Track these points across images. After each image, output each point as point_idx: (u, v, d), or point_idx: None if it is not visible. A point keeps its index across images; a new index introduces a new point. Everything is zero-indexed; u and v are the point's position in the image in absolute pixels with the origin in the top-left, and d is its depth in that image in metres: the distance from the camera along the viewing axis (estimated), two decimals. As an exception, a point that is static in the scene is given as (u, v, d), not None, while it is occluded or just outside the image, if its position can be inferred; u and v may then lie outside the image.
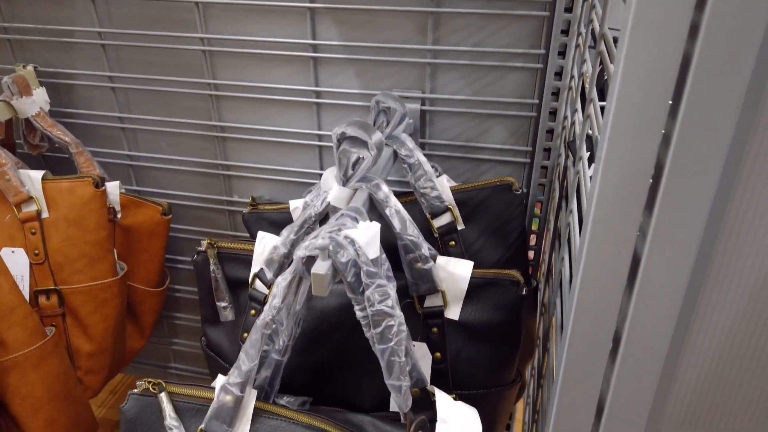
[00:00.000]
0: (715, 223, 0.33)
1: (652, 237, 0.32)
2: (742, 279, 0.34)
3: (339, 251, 0.48)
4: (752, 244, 0.33)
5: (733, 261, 0.34)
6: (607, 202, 0.32)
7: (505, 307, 0.62)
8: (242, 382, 0.50)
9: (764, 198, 0.32)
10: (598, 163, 0.32)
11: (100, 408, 1.26)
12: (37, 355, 0.68)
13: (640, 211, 0.32)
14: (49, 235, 0.75)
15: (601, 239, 0.33)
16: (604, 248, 0.33)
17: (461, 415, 0.50)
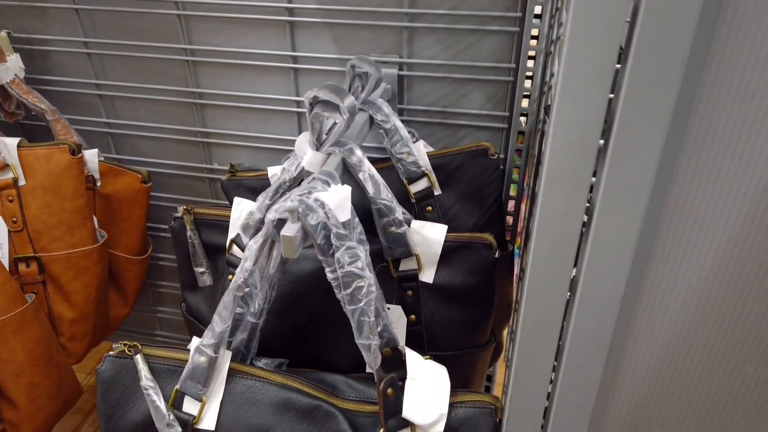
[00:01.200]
0: (663, 178, 0.33)
1: (604, 188, 0.33)
2: (696, 227, 0.35)
3: (309, 214, 0.49)
4: (704, 192, 0.34)
5: (686, 209, 0.34)
6: (560, 157, 0.32)
7: (478, 270, 0.63)
8: (216, 344, 0.51)
9: (711, 160, 0.33)
10: (551, 119, 0.32)
11: (88, 376, 1.27)
12: (16, 321, 0.68)
13: (591, 165, 0.32)
14: (27, 203, 0.75)
15: (555, 191, 0.34)
16: (558, 199, 0.34)
17: (430, 372, 0.51)
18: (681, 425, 0.42)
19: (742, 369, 0.35)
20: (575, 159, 0.34)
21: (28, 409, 0.70)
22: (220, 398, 0.51)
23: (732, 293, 0.35)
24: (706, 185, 0.34)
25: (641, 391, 0.40)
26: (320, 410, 0.51)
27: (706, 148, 0.34)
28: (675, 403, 0.41)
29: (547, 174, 0.34)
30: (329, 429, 0.51)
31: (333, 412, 0.51)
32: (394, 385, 0.49)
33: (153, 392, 0.51)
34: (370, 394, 0.53)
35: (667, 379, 0.40)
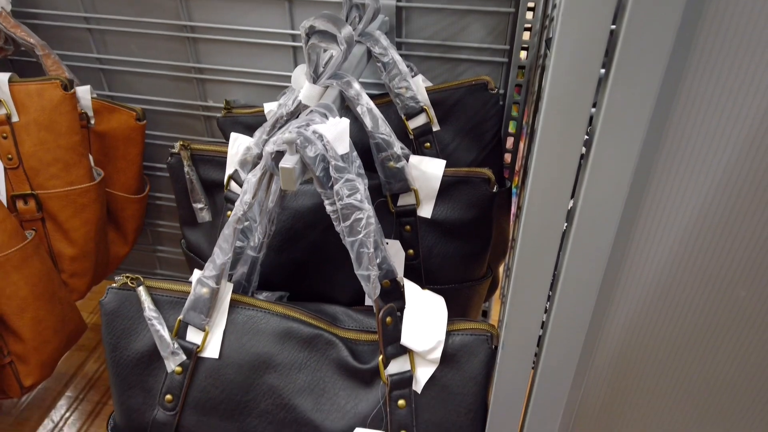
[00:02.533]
0: (663, 106, 0.33)
1: (604, 118, 0.32)
2: (693, 155, 0.35)
3: (307, 146, 0.48)
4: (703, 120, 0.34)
5: (684, 139, 0.34)
6: (561, 87, 0.32)
7: (476, 205, 0.63)
8: (217, 275, 0.52)
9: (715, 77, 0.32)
10: (551, 51, 0.31)
11: (92, 314, 1.30)
12: (18, 257, 0.69)
13: (591, 95, 0.32)
14: (21, 140, 0.74)
15: (555, 120, 0.34)
16: (557, 129, 0.34)
17: (428, 302, 0.52)
18: (671, 351, 0.43)
19: (734, 292, 0.36)
20: (575, 89, 0.33)
21: (34, 342, 0.72)
22: (222, 328, 0.53)
23: (726, 219, 0.35)
24: (705, 113, 0.34)
25: (633, 319, 0.41)
26: (321, 339, 0.52)
27: (707, 75, 0.33)
28: (665, 330, 0.42)
29: (547, 103, 0.34)
30: (330, 356, 0.52)
31: (333, 340, 0.52)
32: (392, 314, 0.50)
33: (156, 322, 0.52)
34: (369, 324, 0.54)
35: (658, 306, 0.41)
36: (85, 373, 1.19)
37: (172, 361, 0.52)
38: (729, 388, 0.43)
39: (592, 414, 0.47)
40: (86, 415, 1.11)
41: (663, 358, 0.43)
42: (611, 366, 0.44)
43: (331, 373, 0.52)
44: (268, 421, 0.52)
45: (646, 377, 0.44)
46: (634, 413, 0.48)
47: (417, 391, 0.51)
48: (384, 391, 0.51)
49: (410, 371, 0.50)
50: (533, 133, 0.72)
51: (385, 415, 0.51)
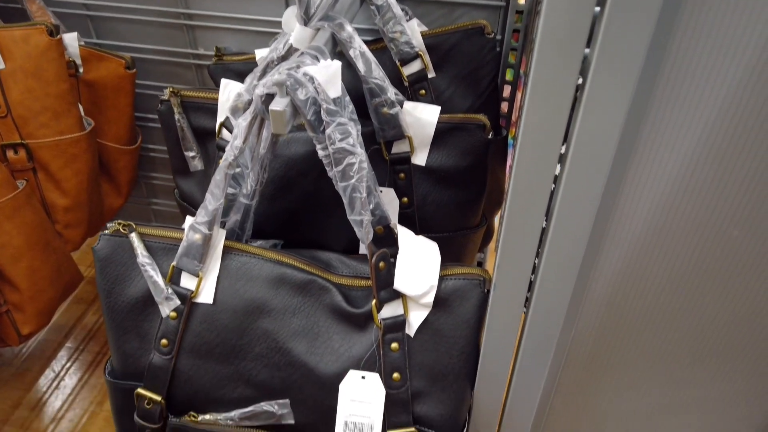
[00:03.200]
0: (661, 38, 0.32)
1: (599, 53, 0.32)
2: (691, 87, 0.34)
3: (297, 88, 0.47)
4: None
5: (680, 79, 0.34)
6: (555, 21, 0.31)
7: (471, 152, 0.63)
8: (209, 221, 0.52)
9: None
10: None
11: (88, 268, 1.30)
12: (10, 206, 0.68)
13: (586, 31, 0.31)
14: (9, 88, 0.72)
15: (548, 57, 0.33)
16: (551, 67, 0.33)
17: (421, 247, 0.52)
18: (661, 293, 0.43)
19: (727, 232, 0.36)
20: (569, 26, 0.32)
21: (30, 292, 0.72)
22: (216, 274, 0.53)
23: (722, 157, 0.35)
24: (703, 48, 0.33)
25: (624, 262, 0.41)
26: (314, 284, 0.53)
27: (705, 9, 0.32)
28: (656, 274, 0.42)
29: (540, 41, 0.33)
30: (323, 301, 0.53)
31: (327, 286, 0.53)
32: (385, 259, 0.50)
33: (150, 268, 0.52)
34: (362, 270, 0.55)
35: (650, 250, 0.41)
36: (84, 324, 1.20)
37: (166, 307, 0.52)
38: (719, 330, 0.43)
39: (582, 358, 0.48)
40: (87, 365, 1.13)
41: (654, 301, 0.43)
42: (601, 310, 0.44)
43: (324, 317, 0.53)
44: (263, 364, 0.52)
45: (637, 320, 0.44)
46: (624, 357, 0.48)
47: (410, 335, 0.51)
48: (377, 335, 0.51)
49: (403, 315, 0.51)
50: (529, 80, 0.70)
51: (379, 358, 0.51)
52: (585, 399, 0.52)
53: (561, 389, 0.51)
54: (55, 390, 1.08)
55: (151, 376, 0.54)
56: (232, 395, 0.53)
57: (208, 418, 0.54)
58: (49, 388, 1.09)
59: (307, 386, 0.52)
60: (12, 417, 1.04)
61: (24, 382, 1.10)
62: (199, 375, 0.53)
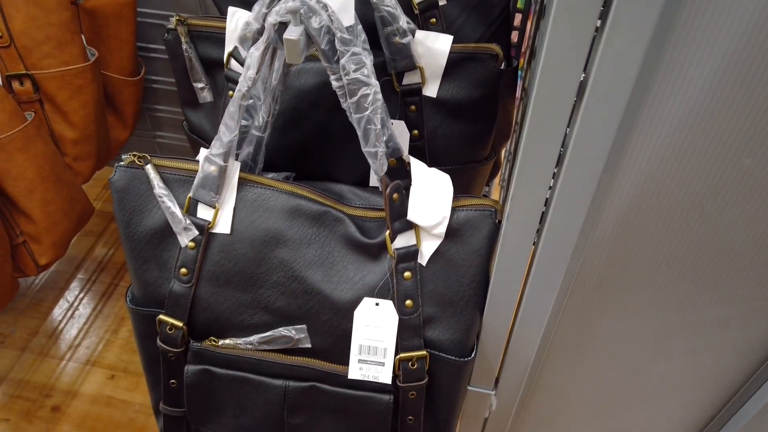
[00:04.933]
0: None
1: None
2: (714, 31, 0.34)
3: (311, 16, 0.47)
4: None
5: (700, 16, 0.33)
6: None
7: (483, 83, 0.62)
8: (225, 153, 0.52)
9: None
10: None
11: (96, 201, 1.31)
12: (21, 138, 0.69)
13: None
14: (10, 16, 0.71)
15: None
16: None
17: (434, 179, 0.52)
18: (674, 217, 0.44)
19: (739, 161, 0.37)
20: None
21: (45, 223, 0.73)
22: (232, 205, 0.54)
23: (740, 85, 0.35)
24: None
25: (638, 187, 0.42)
26: (329, 215, 0.54)
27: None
28: (670, 198, 0.42)
29: None
30: (338, 232, 0.54)
31: (341, 217, 0.54)
32: (399, 191, 0.51)
33: (167, 199, 0.53)
34: (375, 201, 0.55)
35: (664, 175, 0.41)
36: (94, 257, 1.22)
37: (185, 237, 0.53)
38: (730, 253, 0.44)
39: (590, 284, 0.50)
40: (99, 295, 1.16)
41: (665, 226, 0.44)
42: (612, 236, 0.45)
43: (339, 247, 0.54)
44: (280, 292, 0.54)
45: (647, 245, 0.45)
46: (632, 283, 0.50)
47: (422, 264, 0.53)
48: (391, 264, 0.53)
49: (416, 245, 0.52)
50: (543, 9, 0.69)
51: (392, 286, 0.53)
52: (590, 324, 0.54)
53: (567, 314, 0.53)
54: (70, 319, 1.12)
55: (172, 304, 0.56)
56: (251, 321, 0.56)
57: (227, 343, 0.57)
58: (64, 317, 1.13)
59: (323, 312, 0.54)
60: (30, 344, 1.08)
61: (39, 312, 1.13)
62: (218, 302, 0.55)
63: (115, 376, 1.04)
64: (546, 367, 0.60)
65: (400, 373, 0.55)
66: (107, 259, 1.22)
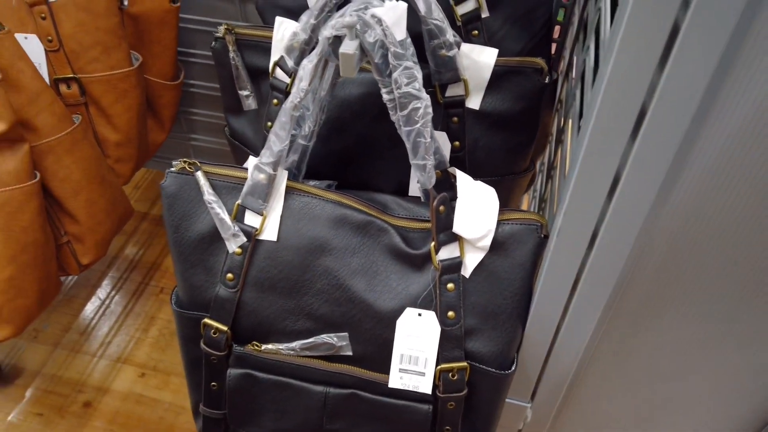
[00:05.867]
0: None
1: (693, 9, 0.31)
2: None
3: (366, 30, 0.47)
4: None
5: None
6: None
7: (526, 96, 0.63)
8: (274, 162, 0.53)
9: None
10: None
11: (128, 200, 1.33)
12: (68, 141, 0.70)
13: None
14: (60, 21, 0.73)
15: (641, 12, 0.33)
16: (642, 22, 0.33)
17: (479, 192, 0.53)
18: (723, 234, 0.43)
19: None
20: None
21: (89, 224, 0.75)
22: (279, 212, 0.55)
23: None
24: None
25: (692, 205, 0.42)
26: (373, 225, 0.54)
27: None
28: (723, 215, 0.42)
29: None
30: (382, 242, 0.55)
31: (385, 227, 0.54)
32: (445, 203, 0.51)
33: (216, 206, 0.54)
34: (419, 212, 0.56)
35: (718, 191, 0.40)
36: (125, 255, 1.24)
37: (233, 243, 0.54)
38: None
39: (636, 299, 0.50)
40: (130, 294, 1.18)
41: (719, 240, 0.43)
42: (663, 251, 0.45)
43: (383, 257, 0.55)
44: (324, 300, 0.55)
45: (699, 259, 0.45)
46: (682, 296, 0.49)
47: (465, 276, 0.53)
48: (434, 275, 0.53)
49: (460, 257, 0.53)
50: (586, 21, 0.69)
51: (435, 297, 0.54)
52: (633, 335, 0.54)
53: (610, 327, 0.53)
54: (102, 316, 1.14)
55: (218, 308, 0.57)
56: (294, 327, 0.57)
57: (270, 348, 0.57)
58: (96, 314, 1.15)
59: (366, 321, 0.55)
60: (63, 340, 1.10)
61: (72, 308, 1.15)
62: (262, 307, 0.56)
63: (145, 374, 1.05)
64: (583, 378, 0.61)
65: (440, 383, 0.55)
66: (138, 258, 1.24)
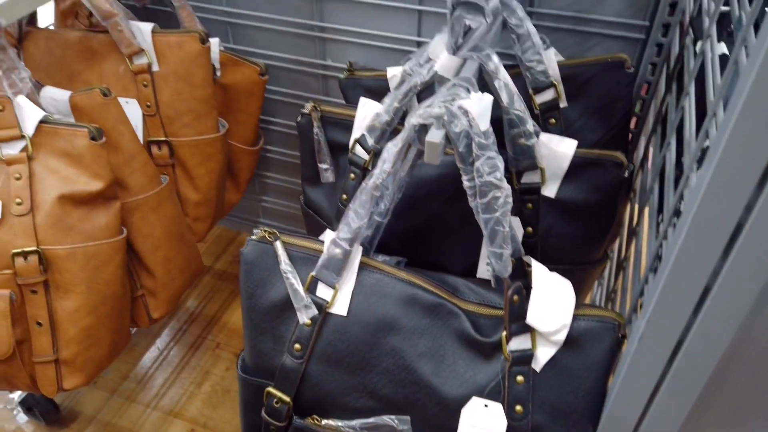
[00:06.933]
0: None
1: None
2: None
3: (453, 121, 0.49)
4: None
5: None
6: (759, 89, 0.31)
7: (603, 189, 0.62)
8: (351, 238, 0.54)
9: None
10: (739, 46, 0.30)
11: (194, 253, 1.38)
12: (155, 199, 0.74)
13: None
14: (160, 89, 0.78)
15: (743, 128, 0.32)
16: (744, 139, 0.33)
17: (555, 284, 0.52)
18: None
19: None
20: None
21: (164, 279, 0.78)
22: (351, 288, 0.55)
23: None
24: None
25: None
26: (444, 308, 0.54)
27: None
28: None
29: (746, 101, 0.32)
30: (451, 326, 0.54)
31: (456, 311, 0.54)
32: (519, 293, 0.51)
33: (291, 276, 0.56)
34: (490, 298, 0.56)
35: None
36: (187, 308, 1.27)
37: (304, 314, 0.55)
38: None
39: (721, 409, 0.47)
40: (188, 346, 1.20)
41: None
42: (756, 361, 0.43)
43: (451, 341, 0.54)
44: (388, 380, 0.54)
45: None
46: None
47: (536, 369, 0.52)
48: (504, 366, 0.52)
49: (531, 349, 0.52)
50: (664, 116, 0.69)
51: (503, 389, 0.52)
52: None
53: None
54: (159, 367, 1.16)
55: (282, 377, 0.57)
56: (356, 404, 0.56)
57: (330, 423, 0.57)
58: (153, 364, 1.17)
59: (430, 406, 0.54)
60: (120, 387, 1.13)
61: (132, 356, 1.18)
62: (326, 381, 0.56)
63: (194, 430, 1.05)
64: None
65: (502, 479, 0.53)
66: (198, 312, 1.26)
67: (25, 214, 0.63)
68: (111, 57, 0.78)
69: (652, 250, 0.56)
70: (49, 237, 0.64)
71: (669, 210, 0.54)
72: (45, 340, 0.65)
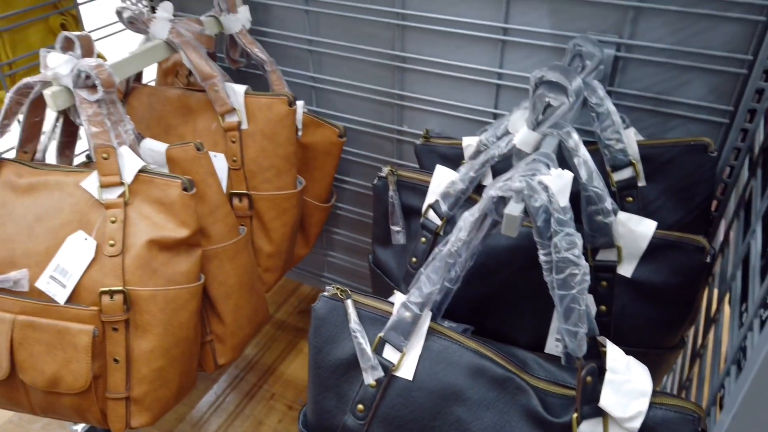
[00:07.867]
0: None
1: None
2: None
3: (533, 195, 0.50)
4: None
5: None
6: None
7: (683, 272, 0.61)
8: (422, 303, 0.55)
9: None
10: None
11: (257, 301, 1.41)
12: (232, 249, 0.78)
13: None
14: (246, 145, 0.83)
15: None
16: None
17: (632, 369, 0.50)
18: None
19: None
20: None
21: (232, 327, 0.80)
22: (418, 352, 0.55)
23: None
24: None
25: None
26: (512, 383, 0.53)
27: None
28: None
29: None
30: (519, 402, 0.53)
31: (524, 387, 0.53)
32: (593, 374, 0.50)
33: (360, 336, 0.56)
34: (561, 376, 0.54)
35: None
36: (245, 355, 1.29)
37: (370, 375, 0.56)
38: None
39: None
40: (244, 394, 1.21)
41: None
42: None
43: (518, 418, 0.53)
44: (450, 452, 0.53)
45: None
46: None
47: (607, 457, 0.50)
48: (572, 449, 0.50)
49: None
50: (748, 201, 0.67)
51: (571, 474, 0.50)
52: None
53: None
54: (214, 412, 1.18)
55: (343, 438, 0.57)
56: (415, 473, 0.55)
57: (387, 491, 0.56)
58: (209, 408, 1.18)
59: (491, 484, 0.52)
60: (175, 429, 1.14)
61: (190, 399, 1.20)
62: (386, 446, 0.56)
63: (243, 481, 1.05)
64: None
65: None
66: (256, 360, 1.28)
67: (116, 255, 0.67)
68: (205, 114, 0.84)
69: (734, 342, 0.54)
70: (135, 278, 0.68)
71: (755, 301, 0.52)
72: (120, 377, 0.68)
